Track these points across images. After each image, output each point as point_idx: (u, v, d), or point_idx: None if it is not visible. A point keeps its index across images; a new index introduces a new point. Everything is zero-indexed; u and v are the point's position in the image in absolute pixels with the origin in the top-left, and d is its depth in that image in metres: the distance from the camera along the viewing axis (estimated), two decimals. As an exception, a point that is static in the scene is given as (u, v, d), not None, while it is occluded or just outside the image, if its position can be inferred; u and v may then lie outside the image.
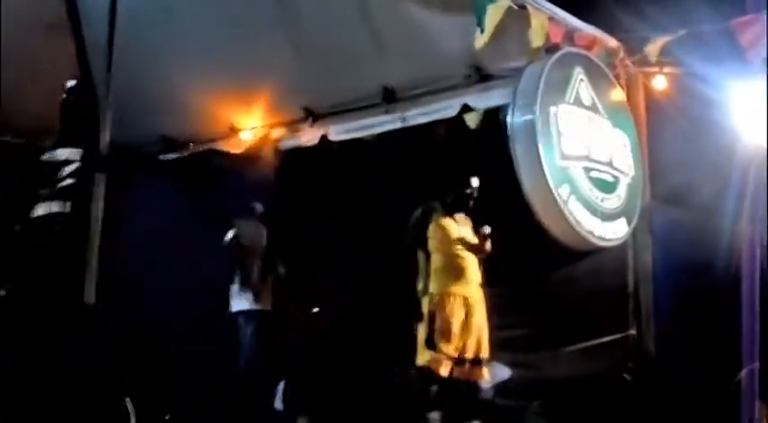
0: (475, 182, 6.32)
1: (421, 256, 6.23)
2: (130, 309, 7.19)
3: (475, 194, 6.34)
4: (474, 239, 6.23)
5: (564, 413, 6.69)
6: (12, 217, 6.15)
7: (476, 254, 6.22)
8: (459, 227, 6.29)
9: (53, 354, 4.99)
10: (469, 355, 6.02)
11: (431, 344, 5.91)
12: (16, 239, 6.21)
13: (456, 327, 5.97)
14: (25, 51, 7.47)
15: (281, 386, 7.56)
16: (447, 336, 5.93)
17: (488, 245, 6.23)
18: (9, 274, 5.92)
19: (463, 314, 6.02)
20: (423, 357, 5.98)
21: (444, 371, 5.91)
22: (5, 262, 5.98)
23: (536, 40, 6.60)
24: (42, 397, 4.82)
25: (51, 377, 4.91)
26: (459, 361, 5.98)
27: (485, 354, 6.10)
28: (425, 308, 6.04)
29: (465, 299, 6.05)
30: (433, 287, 6.07)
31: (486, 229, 6.18)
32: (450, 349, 5.93)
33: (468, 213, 6.35)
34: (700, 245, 6.80)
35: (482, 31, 6.38)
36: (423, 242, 6.22)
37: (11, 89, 7.33)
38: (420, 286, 6.15)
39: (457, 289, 6.05)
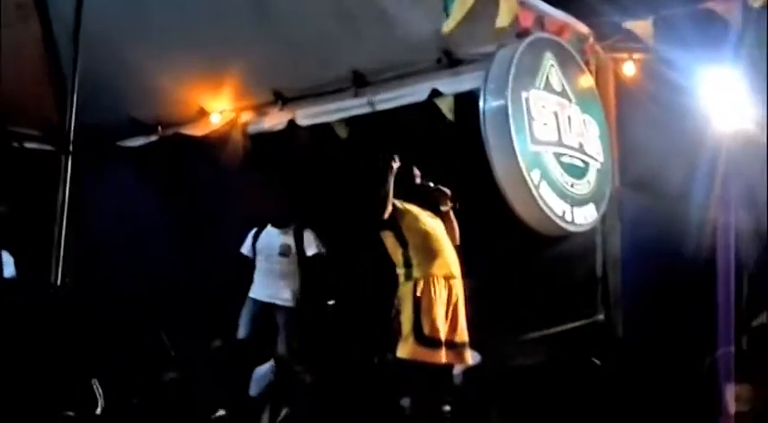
0: (416, 171, 6.28)
1: (391, 243, 6.12)
2: (97, 289, 7.14)
3: (425, 183, 6.28)
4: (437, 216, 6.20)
5: (532, 399, 6.71)
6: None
7: (446, 224, 6.17)
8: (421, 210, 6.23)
9: (18, 335, 4.93)
10: (456, 338, 5.93)
11: (419, 331, 5.79)
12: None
13: (443, 309, 5.87)
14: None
15: (258, 373, 7.50)
16: (436, 320, 5.80)
17: (451, 214, 6.21)
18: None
19: (447, 294, 5.94)
20: (405, 348, 5.86)
21: (440, 357, 5.79)
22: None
23: (501, 20, 6.58)
24: (7, 378, 4.76)
25: (16, 358, 4.86)
26: (450, 344, 5.88)
27: (466, 336, 6.02)
28: (410, 294, 5.92)
29: (447, 278, 5.96)
30: (416, 272, 5.95)
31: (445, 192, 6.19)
32: (441, 334, 5.81)
33: (423, 205, 6.26)
34: (668, 230, 6.84)
35: (447, 16, 6.38)
36: (394, 229, 6.11)
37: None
38: (400, 271, 6.01)
39: (438, 269, 5.95)
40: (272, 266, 7.96)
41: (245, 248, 8.09)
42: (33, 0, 7.67)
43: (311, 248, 7.94)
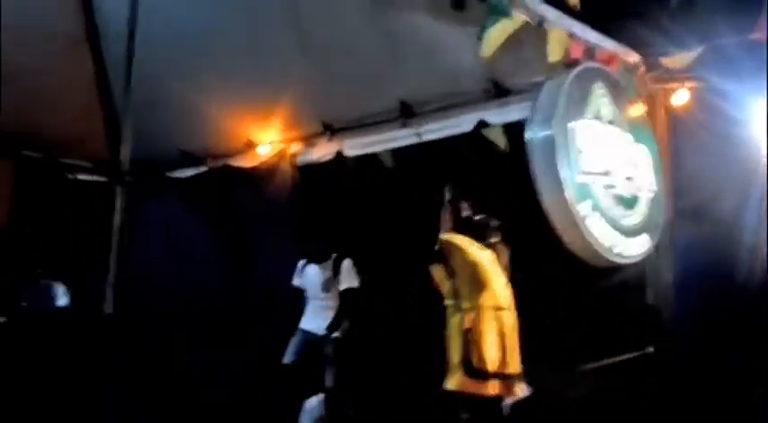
0: (464, 204, 6.27)
1: (439, 275, 6.11)
2: (146, 322, 7.18)
3: (473, 215, 6.28)
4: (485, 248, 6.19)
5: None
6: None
7: (496, 256, 6.16)
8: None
9: (71, 365, 4.98)
10: (506, 370, 5.89)
11: (468, 363, 5.75)
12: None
13: (492, 340, 5.83)
14: (46, 66, 7.49)
15: (308, 406, 7.45)
16: (486, 352, 5.78)
17: (500, 245, 6.20)
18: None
19: (497, 326, 5.90)
20: (454, 380, 5.84)
21: (491, 390, 5.75)
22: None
23: (553, 54, 6.54)
24: (62, 408, 4.80)
25: (70, 388, 4.90)
26: (500, 376, 5.83)
27: (517, 368, 5.98)
28: (458, 326, 5.88)
29: (496, 309, 5.92)
30: (465, 304, 5.93)
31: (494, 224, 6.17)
32: (490, 365, 5.79)
33: (471, 237, 6.25)
34: (721, 261, 6.76)
35: (479, 39, 6.33)
36: (443, 262, 6.09)
37: (31, 103, 7.36)
38: (449, 303, 6.00)
39: (487, 301, 5.92)
40: (317, 300, 7.92)
41: (296, 280, 8.06)
42: (86, 34, 7.80)
43: (345, 282, 7.87)
